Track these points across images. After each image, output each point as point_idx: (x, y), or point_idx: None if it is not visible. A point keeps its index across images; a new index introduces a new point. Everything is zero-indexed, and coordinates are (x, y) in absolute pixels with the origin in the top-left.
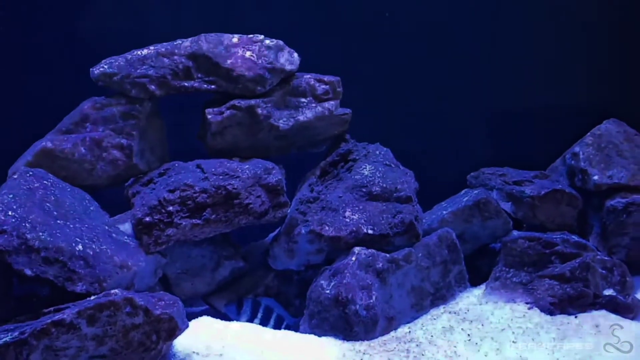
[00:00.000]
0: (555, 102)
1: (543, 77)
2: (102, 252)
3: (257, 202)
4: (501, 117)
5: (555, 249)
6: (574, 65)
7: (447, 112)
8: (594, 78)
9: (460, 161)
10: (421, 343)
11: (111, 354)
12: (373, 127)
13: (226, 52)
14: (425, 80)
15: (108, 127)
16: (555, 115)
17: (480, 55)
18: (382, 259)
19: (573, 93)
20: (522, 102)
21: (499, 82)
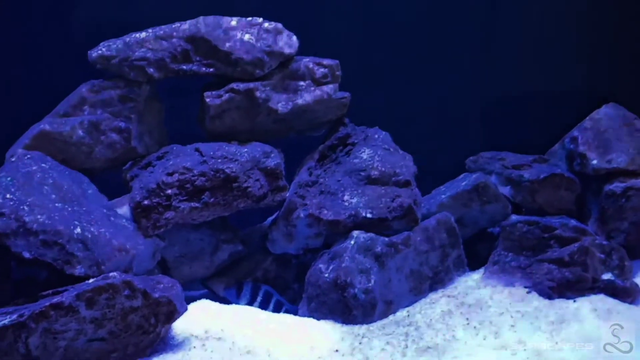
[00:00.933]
0: (554, 86)
1: (542, 61)
2: (101, 235)
3: (256, 186)
4: (500, 101)
5: (554, 233)
6: (573, 49)
7: (446, 95)
8: (593, 62)
9: (459, 145)
10: (420, 327)
11: (110, 336)
12: (372, 110)
13: (225, 35)
14: (424, 64)
15: (106, 110)
16: (554, 100)
17: (479, 39)
18: (380, 243)
19: (572, 77)
20: (521, 86)
21: (498, 66)
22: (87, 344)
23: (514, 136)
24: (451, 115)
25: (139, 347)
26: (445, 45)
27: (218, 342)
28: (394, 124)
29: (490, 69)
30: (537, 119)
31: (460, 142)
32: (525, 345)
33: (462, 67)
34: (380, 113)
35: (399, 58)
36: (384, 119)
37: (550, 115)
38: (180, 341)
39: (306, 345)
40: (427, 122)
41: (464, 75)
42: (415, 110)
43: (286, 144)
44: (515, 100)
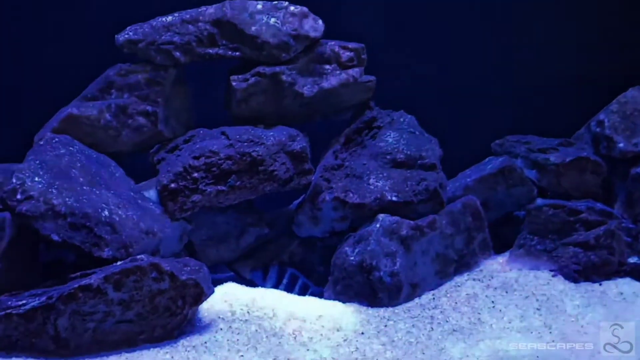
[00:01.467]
0: (581, 69)
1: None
2: (128, 218)
3: (282, 169)
4: (527, 85)
5: (580, 217)
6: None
7: (472, 79)
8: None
9: (485, 129)
10: (445, 310)
11: (137, 318)
12: (397, 94)
13: (250, 19)
14: (450, 48)
15: (133, 93)
16: (581, 83)
17: (506, 23)
18: (406, 226)
19: (599, 60)
20: (548, 69)
21: (525, 50)
22: (115, 325)
23: (540, 119)
24: (477, 99)
25: (166, 329)
26: (471, 29)
27: (245, 324)
28: (420, 107)
29: (517, 52)
30: (563, 102)
31: (486, 125)
32: (550, 329)
33: (488, 50)
34: (406, 96)
35: (425, 42)
36: (410, 103)
37: (577, 99)
38: (207, 323)
39: (332, 327)
40: (453, 105)
41: (490, 58)
42: (441, 94)
43: (312, 127)
44: (542, 84)
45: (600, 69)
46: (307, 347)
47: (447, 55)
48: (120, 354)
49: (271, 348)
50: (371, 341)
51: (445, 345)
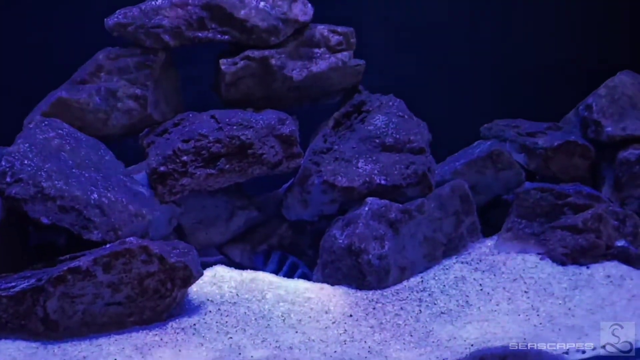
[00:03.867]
0: (570, 53)
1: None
2: (118, 201)
3: (271, 153)
4: (515, 69)
5: (568, 200)
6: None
7: (461, 63)
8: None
9: (473, 113)
10: (433, 292)
11: (127, 301)
12: (386, 78)
13: (240, 3)
14: (439, 33)
15: (123, 77)
16: (569, 67)
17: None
18: (395, 210)
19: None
20: (536, 53)
21: (514, 34)
22: (104, 307)
23: (528, 103)
24: (466, 83)
25: (155, 311)
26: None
27: (233, 306)
28: (409, 91)
29: (506, 37)
30: (551, 86)
31: (475, 109)
32: (538, 311)
33: (478, 35)
34: (395, 80)
35: (414, 26)
36: (399, 87)
37: (565, 83)
38: (196, 305)
39: (320, 310)
40: (442, 89)
41: (479, 43)
42: (430, 78)
43: (301, 111)
44: (530, 68)
45: (588, 53)
46: (296, 329)
47: (436, 40)
48: (110, 336)
49: (260, 330)
50: (359, 323)
51: (433, 328)
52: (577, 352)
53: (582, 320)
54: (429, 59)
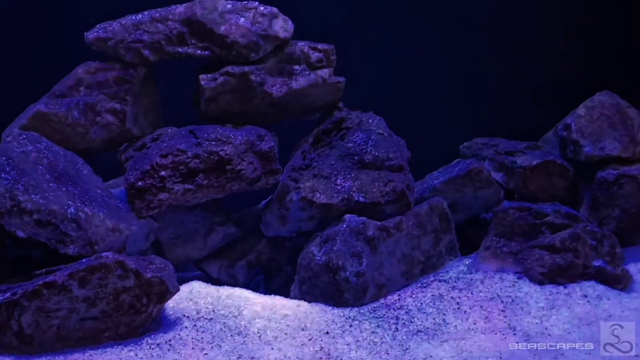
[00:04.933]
0: (549, 73)
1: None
2: (95, 215)
3: (250, 169)
4: (495, 88)
5: (546, 220)
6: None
7: (441, 82)
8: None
9: (453, 131)
10: (410, 310)
11: (102, 316)
12: (367, 95)
13: (220, 19)
14: (419, 51)
15: (102, 91)
16: (549, 87)
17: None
18: (373, 227)
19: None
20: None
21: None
22: (79, 322)
23: (508, 123)
24: (446, 101)
25: (131, 327)
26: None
27: (209, 322)
28: (389, 109)
29: (486, 56)
30: (531, 105)
31: (455, 127)
32: (514, 330)
33: (458, 54)
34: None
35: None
36: (379, 104)
37: (544, 102)
38: (172, 321)
39: (297, 327)
40: (422, 107)
41: (459, 61)
42: (409, 96)
43: (280, 127)
44: (510, 87)
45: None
46: (272, 345)
47: (417, 58)
48: (85, 351)
49: (235, 346)
50: (336, 341)
51: (410, 346)
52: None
53: (559, 339)
54: (408, 77)
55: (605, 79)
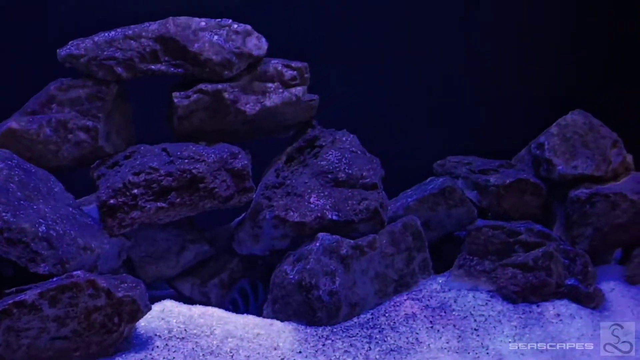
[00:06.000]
0: (522, 92)
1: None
2: (66, 233)
3: (223, 187)
4: (468, 106)
5: (519, 238)
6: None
7: (414, 100)
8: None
9: (426, 149)
10: (384, 329)
11: (73, 335)
12: (340, 113)
13: (194, 36)
14: (392, 68)
15: (74, 108)
16: (522, 105)
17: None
18: (346, 245)
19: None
20: (490, 91)
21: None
22: (50, 342)
23: (481, 141)
24: (419, 119)
25: (102, 346)
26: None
27: (181, 342)
28: (362, 127)
29: (459, 74)
30: (504, 124)
31: (428, 145)
32: (487, 349)
33: (431, 72)
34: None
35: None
36: (352, 122)
37: (518, 121)
38: (144, 341)
39: (269, 346)
40: (395, 125)
41: (432, 79)
42: (383, 114)
43: (254, 145)
44: (484, 105)
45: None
46: None
47: (391, 75)
48: None
49: None
50: None
51: None
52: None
53: (532, 358)
54: (382, 95)
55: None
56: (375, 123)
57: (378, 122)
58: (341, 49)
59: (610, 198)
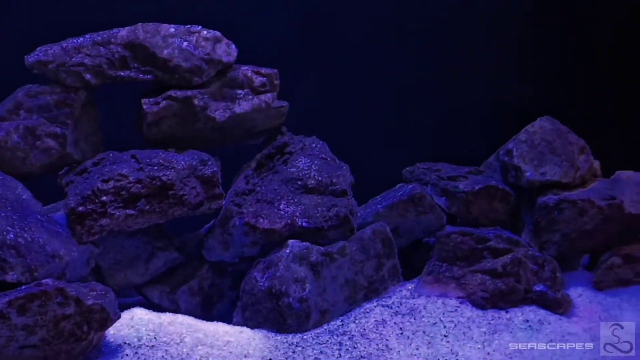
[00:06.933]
0: (490, 98)
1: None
2: (34, 241)
3: (192, 194)
4: (437, 113)
5: (488, 244)
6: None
7: (383, 106)
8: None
9: (396, 156)
10: (354, 336)
11: (42, 344)
12: (310, 120)
13: (163, 42)
14: (362, 75)
15: (42, 115)
16: (490, 112)
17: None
18: (316, 252)
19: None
20: (458, 97)
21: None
22: (18, 350)
23: (450, 147)
24: (389, 126)
25: (71, 355)
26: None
27: (151, 350)
28: (332, 133)
29: (428, 81)
30: (473, 130)
31: (397, 152)
32: (457, 355)
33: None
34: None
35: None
36: (322, 129)
37: (486, 127)
38: (113, 349)
39: (239, 354)
40: (365, 132)
41: (401, 86)
42: (352, 120)
43: (223, 152)
44: (453, 112)
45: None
46: None
47: (360, 82)
48: None
49: None
50: None
51: None
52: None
53: None
54: (351, 101)
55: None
56: (344, 130)
57: (347, 128)
58: (311, 56)
59: (577, 204)
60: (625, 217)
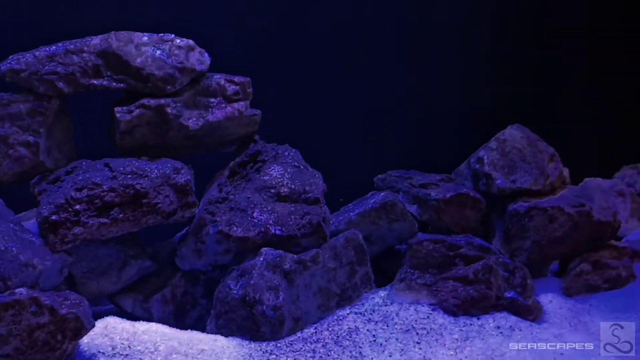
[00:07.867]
0: (461, 106)
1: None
2: (7, 250)
3: (166, 202)
4: (408, 121)
5: (459, 252)
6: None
7: (355, 114)
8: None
9: (368, 164)
10: (327, 344)
11: (15, 353)
12: (282, 128)
13: (136, 51)
14: (335, 83)
15: (15, 123)
16: (461, 120)
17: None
18: (289, 260)
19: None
20: (429, 105)
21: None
22: None
23: (422, 155)
24: (360, 134)
25: None
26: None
27: (125, 359)
28: (305, 141)
29: (399, 90)
30: (444, 138)
31: (369, 160)
32: None
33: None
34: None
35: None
36: (294, 137)
37: (457, 135)
38: (87, 358)
39: None
40: (337, 140)
41: (373, 94)
42: (325, 128)
43: (197, 160)
44: (424, 120)
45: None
46: None
47: (332, 89)
48: None
49: None
50: None
51: None
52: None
53: None
54: (324, 109)
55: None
56: (317, 138)
57: (320, 136)
58: (283, 63)
59: (547, 211)
60: (594, 223)
